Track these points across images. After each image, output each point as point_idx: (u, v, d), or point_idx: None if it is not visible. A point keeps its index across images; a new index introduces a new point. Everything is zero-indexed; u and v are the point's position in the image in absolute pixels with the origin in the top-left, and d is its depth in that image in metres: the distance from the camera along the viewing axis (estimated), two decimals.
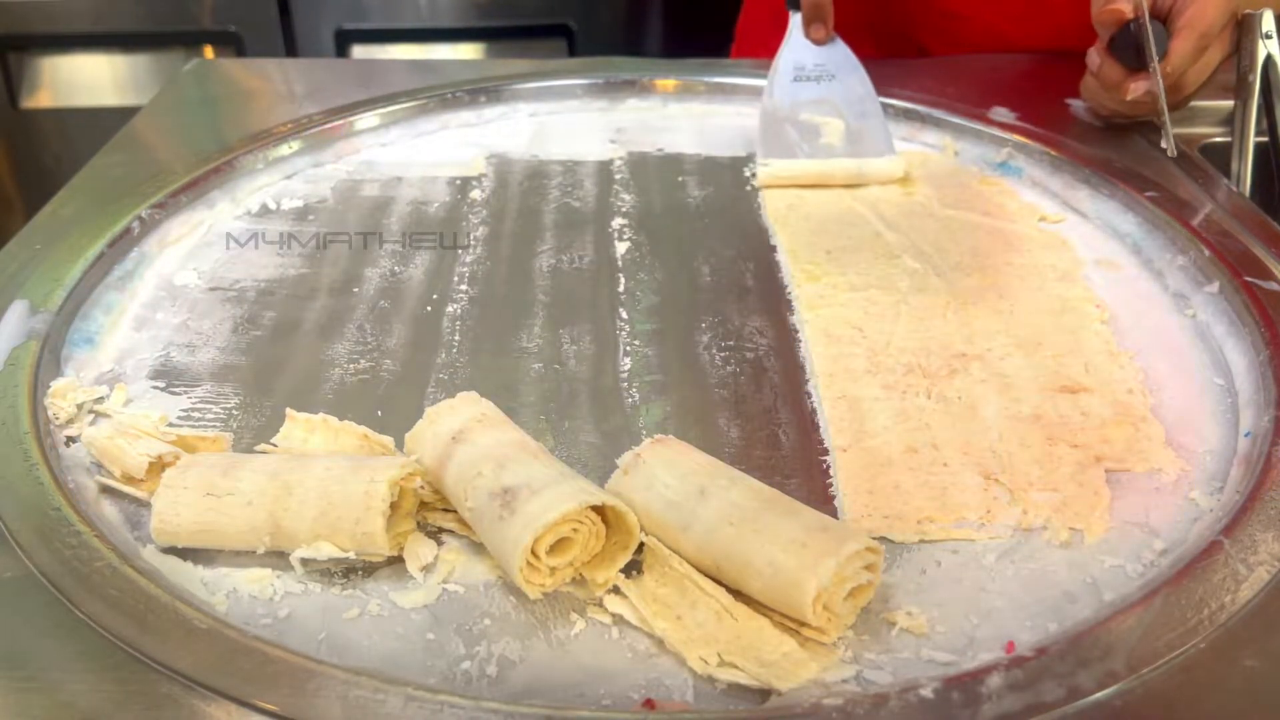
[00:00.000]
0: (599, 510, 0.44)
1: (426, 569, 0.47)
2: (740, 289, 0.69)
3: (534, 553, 0.43)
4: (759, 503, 0.45)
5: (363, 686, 0.39)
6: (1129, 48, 0.77)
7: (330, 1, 1.60)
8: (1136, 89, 0.77)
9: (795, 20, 0.83)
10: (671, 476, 0.47)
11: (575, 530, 0.44)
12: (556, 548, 0.44)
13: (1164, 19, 0.76)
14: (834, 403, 0.57)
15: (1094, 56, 0.81)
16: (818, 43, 0.82)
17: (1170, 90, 0.77)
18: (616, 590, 0.45)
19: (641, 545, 0.46)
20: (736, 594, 0.44)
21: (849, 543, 0.42)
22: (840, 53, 0.83)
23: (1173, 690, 0.40)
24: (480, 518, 0.45)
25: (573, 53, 1.63)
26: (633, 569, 0.46)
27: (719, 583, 0.45)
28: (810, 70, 0.83)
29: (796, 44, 0.83)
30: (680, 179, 0.83)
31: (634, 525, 0.45)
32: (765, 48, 1.10)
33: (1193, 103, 0.82)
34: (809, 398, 0.58)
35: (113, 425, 0.53)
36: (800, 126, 0.82)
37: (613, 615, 0.44)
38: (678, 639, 0.43)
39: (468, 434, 0.48)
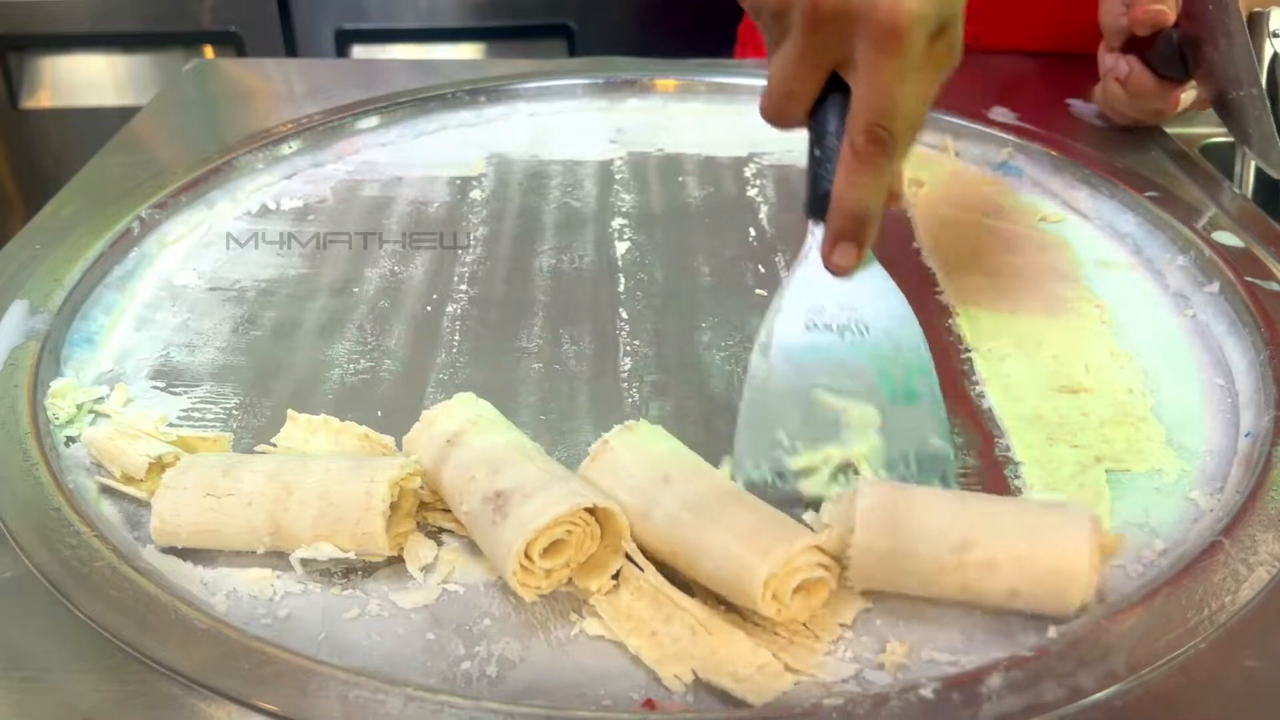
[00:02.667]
0: (592, 511, 0.44)
1: (426, 569, 0.47)
2: (740, 289, 0.69)
3: (528, 555, 0.43)
4: (721, 494, 0.46)
5: (363, 687, 0.39)
6: (1171, 58, 0.74)
7: (330, 1, 1.59)
8: (1187, 100, 0.76)
9: (814, 237, 0.52)
10: (637, 463, 0.47)
11: (569, 532, 0.43)
12: (551, 550, 0.43)
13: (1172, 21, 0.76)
14: None
15: (1121, 64, 0.78)
16: (840, 273, 0.51)
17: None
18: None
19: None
20: (711, 607, 0.44)
21: (803, 537, 0.43)
22: (880, 287, 0.52)
23: (1173, 690, 0.40)
24: (475, 521, 0.45)
25: (573, 53, 1.63)
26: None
27: (675, 570, 0.45)
28: (832, 316, 0.51)
29: (815, 273, 0.52)
30: (680, 179, 0.82)
31: (624, 526, 0.45)
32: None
33: None
34: None
35: (113, 425, 0.53)
36: (807, 412, 0.50)
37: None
38: (652, 656, 0.42)
39: (462, 437, 0.48)
